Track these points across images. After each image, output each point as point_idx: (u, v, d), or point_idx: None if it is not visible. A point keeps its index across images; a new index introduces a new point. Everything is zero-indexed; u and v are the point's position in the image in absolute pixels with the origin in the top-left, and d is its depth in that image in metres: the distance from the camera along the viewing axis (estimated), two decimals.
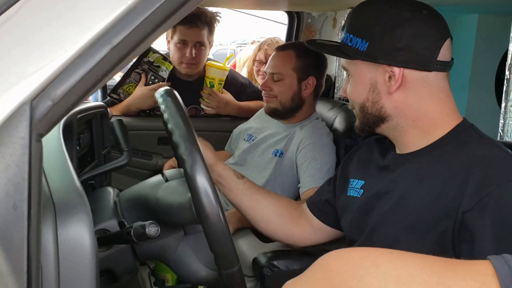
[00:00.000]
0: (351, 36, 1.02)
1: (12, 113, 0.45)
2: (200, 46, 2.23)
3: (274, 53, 1.92)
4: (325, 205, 1.27)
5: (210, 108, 2.29)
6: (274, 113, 1.90)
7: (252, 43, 4.55)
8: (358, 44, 1.00)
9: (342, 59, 1.09)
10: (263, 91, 1.91)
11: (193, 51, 2.21)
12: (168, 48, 2.32)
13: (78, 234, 0.54)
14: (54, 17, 0.48)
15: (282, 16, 3.06)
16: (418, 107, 0.99)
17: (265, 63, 2.45)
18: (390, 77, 0.98)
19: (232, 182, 1.27)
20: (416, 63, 0.97)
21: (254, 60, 2.87)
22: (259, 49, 2.82)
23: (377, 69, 1.00)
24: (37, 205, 0.45)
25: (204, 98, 2.28)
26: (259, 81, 2.73)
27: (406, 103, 1.00)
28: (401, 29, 0.96)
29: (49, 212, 0.53)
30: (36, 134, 0.46)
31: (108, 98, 2.31)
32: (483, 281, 0.38)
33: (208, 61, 2.30)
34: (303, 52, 1.85)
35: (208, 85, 2.25)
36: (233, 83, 2.38)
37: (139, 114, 2.31)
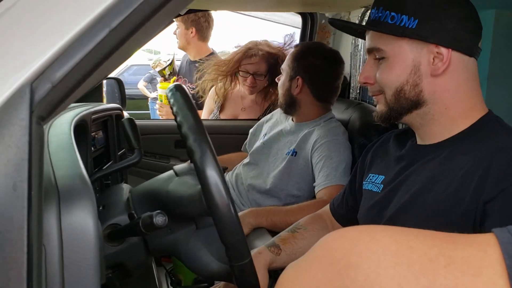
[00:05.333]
0: (393, 13, 0.97)
1: (12, 95, 0.45)
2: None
3: None
4: (351, 211, 1.26)
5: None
6: (280, 106, 1.96)
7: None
8: (405, 21, 0.96)
9: (366, 41, 1.06)
10: None
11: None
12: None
13: (81, 220, 0.54)
14: (53, 0, 0.48)
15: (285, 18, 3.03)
16: (454, 93, 0.98)
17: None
18: (434, 59, 0.96)
19: (276, 261, 1.20)
20: (463, 46, 0.96)
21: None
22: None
23: (422, 49, 0.97)
24: (37, 187, 0.46)
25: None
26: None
27: (446, 87, 0.97)
28: (452, 9, 0.95)
29: (53, 198, 0.54)
30: (37, 117, 0.46)
31: None
32: (485, 251, 0.37)
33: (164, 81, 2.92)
34: (303, 52, 1.87)
35: (164, 102, 2.84)
36: None
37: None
